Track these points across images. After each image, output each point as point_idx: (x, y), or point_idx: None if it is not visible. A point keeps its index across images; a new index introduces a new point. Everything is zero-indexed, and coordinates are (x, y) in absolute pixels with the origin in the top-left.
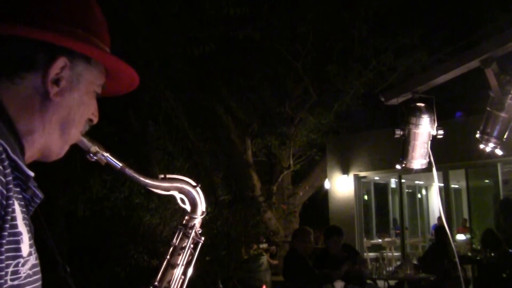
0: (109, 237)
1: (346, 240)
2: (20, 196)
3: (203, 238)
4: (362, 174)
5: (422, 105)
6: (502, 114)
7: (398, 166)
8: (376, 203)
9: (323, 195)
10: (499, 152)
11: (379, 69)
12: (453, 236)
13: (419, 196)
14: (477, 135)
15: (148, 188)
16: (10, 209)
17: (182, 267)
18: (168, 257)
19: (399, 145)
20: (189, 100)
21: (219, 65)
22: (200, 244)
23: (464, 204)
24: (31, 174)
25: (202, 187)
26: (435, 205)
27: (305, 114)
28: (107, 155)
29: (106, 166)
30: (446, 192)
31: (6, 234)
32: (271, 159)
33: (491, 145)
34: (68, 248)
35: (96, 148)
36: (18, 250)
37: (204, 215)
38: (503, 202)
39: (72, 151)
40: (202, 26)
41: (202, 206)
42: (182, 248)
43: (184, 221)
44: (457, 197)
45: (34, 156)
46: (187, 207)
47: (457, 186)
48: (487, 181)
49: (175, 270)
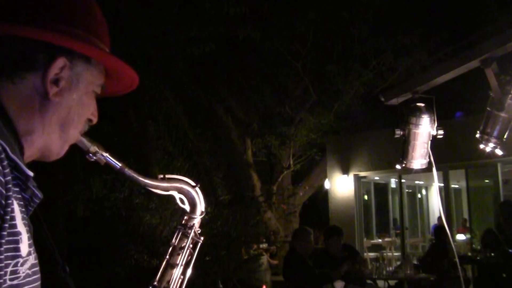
0: (109, 237)
1: (346, 240)
2: (20, 196)
3: (202, 238)
4: (362, 174)
5: (422, 105)
6: (502, 114)
7: (398, 166)
8: (376, 203)
9: (323, 195)
10: (499, 152)
11: (379, 69)
12: (453, 236)
13: (419, 196)
14: (477, 135)
15: (148, 188)
16: (9, 209)
17: (181, 267)
18: (168, 257)
19: (399, 145)
20: (189, 100)
21: (219, 65)
22: (200, 244)
23: (464, 204)
24: (31, 174)
25: (202, 187)
26: (435, 205)
27: (305, 114)
28: (107, 155)
29: (106, 166)
30: (446, 192)
31: (5, 234)
32: (271, 159)
33: (491, 145)
34: (68, 248)
35: (96, 148)
36: (17, 250)
37: (203, 215)
38: (503, 204)
39: (72, 151)
40: (202, 26)
41: (201, 206)
42: (181, 248)
43: (184, 221)
44: (457, 197)
45: (33, 156)
46: (186, 207)
47: (457, 186)
48: (487, 181)
49: (174, 270)
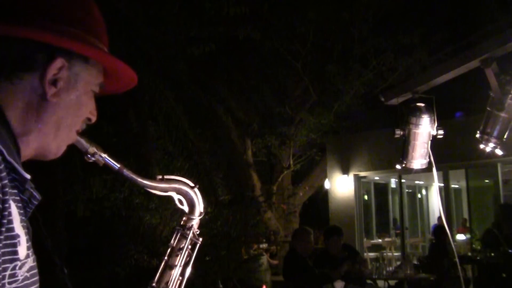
0: (109, 237)
1: (346, 240)
2: (18, 198)
3: (201, 239)
4: (362, 174)
5: (422, 105)
6: (502, 114)
7: (398, 166)
8: (376, 203)
9: (323, 195)
10: (499, 152)
11: (379, 69)
12: (453, 236)
13: (419, 196)
14: (477, 135)
15: (146, 189)
16: (6, 213)
17: (180, 268)
18: (166, 258)
19: (399, 145)
20: (189, 100)
21: (219, 65)
22: (198, 245)
23: (464, 204)
24: (28, 177)
25: (202, 187)
26: (435, 205)
27: (305, 114)
28: (105, 156)
29: (106, 166)
30: (446, 192)
31: (3, 238)
32: (271, 159)
33: (491, 145)
34: (68, 248)
35: (94, 149)
36: (15, 253)
37: (202, 216)
38: (503, 206)
39: (72, 151)
40: (202, 26)
41: (200, 207)
42: (180, 249)
43: (182, 222)
44: (457, 197)
45: (29, 156)
46: (185, 208)
47: (457, 186)
48: (487, 181)
49: (173, 271)
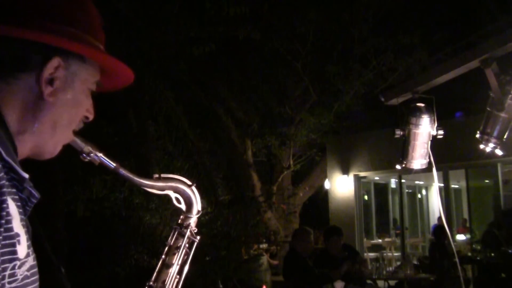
0: (109, 237)
1: (346, 240)
2: (17, 197)
3: (199, 238)
4: (362, 174)
5: (422, 105)
6: (502, 114)
7: (398, 166)
8: (376, 203)
9: (323, 195)
10: (499, 152)
11: (379, 69)
12: (453, 236)
13: (419, 196)
14: (477, 135)
15: (143, 188)
16: (5, 213)
17: (177, 267)
18: (163, 257)
19: (399, 145)
20: (189, 100)
21: (219, 65)
22: (196, 244)
23: (464, 204)
24: (26, 176)
25: (202, 187)
26: (435, 205)
27: (305, 114)
28: (101, 155)
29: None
30: (446, 192)
31: (1, 238)
32: (271, 159)
33: (491, 145)
34: (68, 248)
35: (89, 148)
36: (15, 253)
37: (200, 214)
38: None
39: (72, 151)
40: (202, 26)
41: (198, 206)
42: (177, 248)
43: (180, 220)
44: (457, 197)
45: (25, 155)
46: (183, 207)
47: (457, 186)
48: (487, 181)
49: (170, 270)
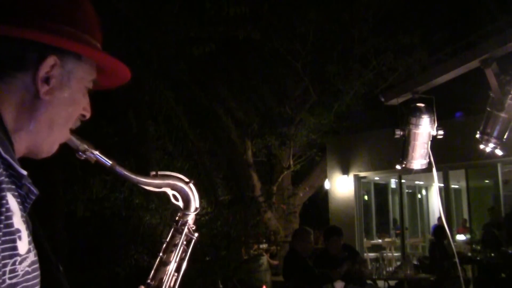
0: (109, 237)
1: (346, 240)
2: (16, 194)
3: (197, 235)
4: (362, 174)
5: (422, 105)
6: (502, 114)
7: (398, 166)
8: (376, 203)
9: (323, 195)
10: (499, 152)
11: (379, 69)
12: (453, 236)
13: (419, 196)
14: (477, 135)
15: (140, 186)
16: (4, 209)
17: (175, 264)
18: (161, 254)
19: (399, 145)
20: (189, 100)
21: (219, 65)
22: (194, 241)
23: (464, 204)
24: (24, 173)
25: (202, 187)
26: (435, 205)
27: (305, 114)
28: (97, 153)
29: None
30: (446, 192)
31: (1, 234)
32: (271, 159)
33: (491, 145)
34: (68, 248)
35: (85, 146)
36: (15, 249)
37: (198, 212)
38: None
39: (72, 151)
40: (202, 26)
41: (196, 203)
42: (175, 245)
43: (177, 218)
44: (457, 197)
45: (20, 153)
46: (180, 204)
47: (457, 186)
48: (487, 181)
49: (168, 267)
